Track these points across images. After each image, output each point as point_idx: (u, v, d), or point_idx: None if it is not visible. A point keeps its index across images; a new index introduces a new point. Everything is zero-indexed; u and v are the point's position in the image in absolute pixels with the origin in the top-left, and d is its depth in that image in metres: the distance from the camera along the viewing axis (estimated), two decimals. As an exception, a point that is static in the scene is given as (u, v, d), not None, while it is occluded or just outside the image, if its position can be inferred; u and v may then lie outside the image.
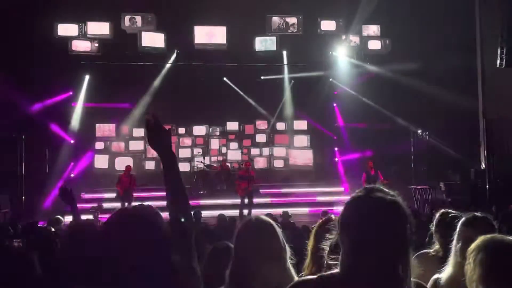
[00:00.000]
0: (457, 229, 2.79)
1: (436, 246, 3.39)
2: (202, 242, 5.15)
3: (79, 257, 2.91)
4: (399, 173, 15.48)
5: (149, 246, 1.74)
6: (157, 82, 18.26)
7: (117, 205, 13.86)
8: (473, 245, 2.08)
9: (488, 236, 2.10)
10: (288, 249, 2.44)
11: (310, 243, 2.78)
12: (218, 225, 9.39)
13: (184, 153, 20.29)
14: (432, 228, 3.48)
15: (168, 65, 17.80)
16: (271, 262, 2.32)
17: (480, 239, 2.09)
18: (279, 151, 21.08)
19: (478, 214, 2.88)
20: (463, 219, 2.84)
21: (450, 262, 2.72)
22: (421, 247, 4.16)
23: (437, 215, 3.49)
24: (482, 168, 15.35)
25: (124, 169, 15.56)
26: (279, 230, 2.46)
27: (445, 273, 2.70)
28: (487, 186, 14.31)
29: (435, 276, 2.72)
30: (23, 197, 15.29)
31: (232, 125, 20.78)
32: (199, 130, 20.53)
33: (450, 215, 3.38)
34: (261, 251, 2.32)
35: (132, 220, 1.81)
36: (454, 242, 2.76)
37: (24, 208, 15.11)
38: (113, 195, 15.47)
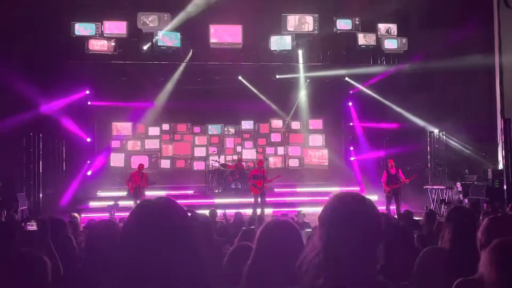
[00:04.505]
0: (480, 229, 2.73)
1: (449, 242, 3.35)
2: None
3: (101, 259, 2.86)
4: (415, 172, 15.31)
5: (176, 240, 1.65)
6: (172, 81, 18.31)
7: (132, 203, 13.95)
8: (490, 246, 2.05)
9: (506, 238, 2.07)
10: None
11: None
12: (234, 223, 9.41)
13: (199, 152, 20.37)
14: (444, 222, 3.44)
15: (183, 64, 17.83)
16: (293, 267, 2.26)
17: (497, 241, 2.06)
18: (294, 150, 21.05)
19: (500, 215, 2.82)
20: (486, 219, 2.78)
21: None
22: (433, 242, 4.15)
23: (450, 210, 3.44)
24: (499, 168, 15.16)
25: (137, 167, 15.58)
26: (302, 234, 2.40)
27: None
28: (505, 187, 14.12)
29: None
30: (40, 195, 15.44)
31: (247, 124, 20.80)
32: (214, 129, 20.59)
33: (463, 210, 3.35)
34: (283, 256, 2.26)
35: (153, 215, 1.70)
36: (479, 242, 2.71)
37: (41, 206, 15.29)
38: (129, 193, 15.55)
